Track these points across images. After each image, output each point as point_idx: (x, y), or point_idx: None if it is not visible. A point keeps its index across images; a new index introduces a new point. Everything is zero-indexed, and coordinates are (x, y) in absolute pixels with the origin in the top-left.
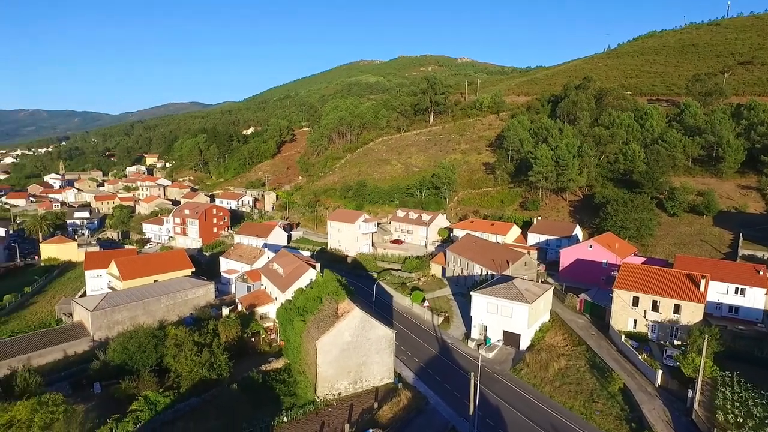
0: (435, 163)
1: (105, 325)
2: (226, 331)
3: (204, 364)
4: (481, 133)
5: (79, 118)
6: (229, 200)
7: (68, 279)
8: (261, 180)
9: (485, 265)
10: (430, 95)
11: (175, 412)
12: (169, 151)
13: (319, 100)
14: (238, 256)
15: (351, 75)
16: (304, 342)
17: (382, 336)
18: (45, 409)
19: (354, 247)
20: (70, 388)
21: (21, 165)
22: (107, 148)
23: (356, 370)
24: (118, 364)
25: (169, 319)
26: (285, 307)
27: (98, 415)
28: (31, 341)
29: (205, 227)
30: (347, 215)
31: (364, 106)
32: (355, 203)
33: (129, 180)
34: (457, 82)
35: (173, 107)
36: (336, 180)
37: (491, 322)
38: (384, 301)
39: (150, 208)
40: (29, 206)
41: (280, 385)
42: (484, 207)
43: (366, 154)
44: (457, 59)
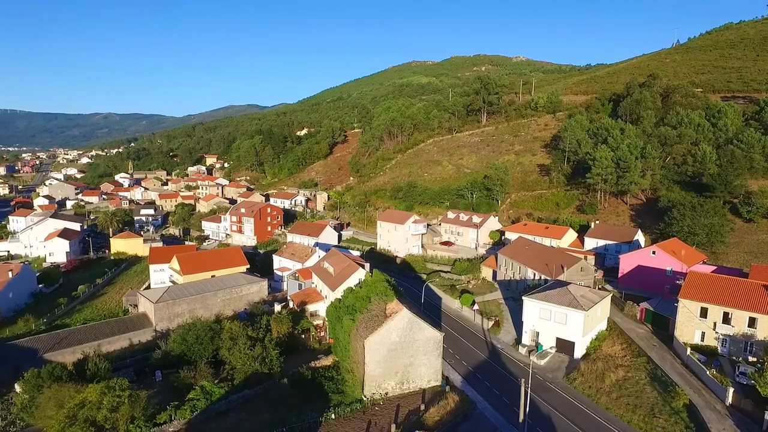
0: (487, 164)
1: (166, 316)
2: (278, 327)
3: (257, 358)
4: (536, 133)
5: (146, 121)
6: (282, 200)
7: (134, 272)
8: (313, 180)
9: (538, 270)
10: (483, 95)
11: (229, 403)
12: (227, 151)
13: (371, 102)
14: (290, 255)
15: (403, 76)
16: (352, 341)
17: (430, 338)
18: (113, 392)
19: (403, 248)
20: (134, 375)
21: (95, 165)
22: (171, 148)
23: (403, 371)
24: (178, 354)
25: (225, 314)
26: (334, 305)
27: (159, 401)
28: (101, 329)
29: (260, 226)
30: (397, 216)
31: (416, 107)
32: (405, 204)
33: (190, 179)
34: (511, 81)
35: (232, 109)
36: (386, 181)
37: (544, 328)
38: (433, 303)
39: (209, 207)
40: (101, 203)
41: (328, 382)
42: (538, 210)
43: (417, 155)
44: (512, 58)
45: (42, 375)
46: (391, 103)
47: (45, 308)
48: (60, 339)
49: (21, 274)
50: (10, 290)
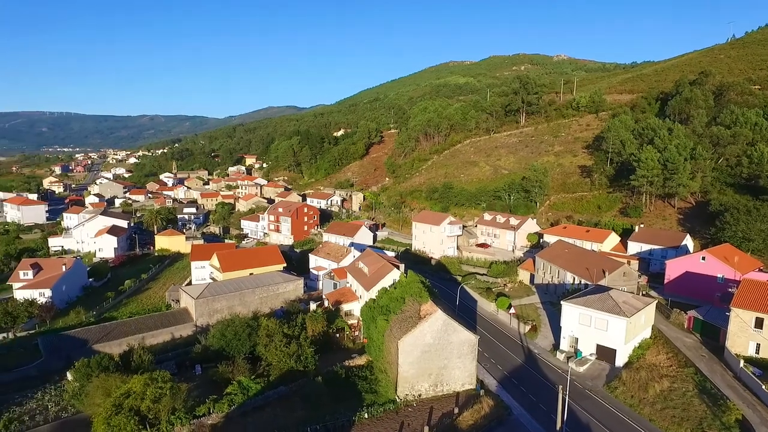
0: (526, 165)
1: (206, 312)
2: (313, 325)
3: (292, 355)
4: (578, 134)
5: (189, 122)
6: (319, 200)
7: (177, 268)
8: (349, 180)
9: (578, 274)
10: (522, 95)
11: (265, 399)
12: (266, 152)
13: (408, 102)
14: (326, 254)
15: (440, 76)
16: (386, 341)
17: (464, 340)
18: (155, 384)
19: (438, 250)
20: (175, 368)
21: (141, 165)
22: (212, 149)
23: (437, 373)
24: (217, 349)
25: (262, 311)
26: (369, 305)
27: (198, 394)
28: (145, 323)
29: (297, 225)
30: (432, 217)
31: (453, 108)
32: (441, 205)
33: (230, 179)
34: (552, 80)
35: (271, 111)
36: (422, 181)
37: (583, 334)
38: (468, 306)
39: (248, 206)
40: (147, 202)
41: (362, 381)
42: (578, 212)
43: (453, 155)
44: (553, 57)
45: (91, 365)
46: (428, 104)
47: (94, 301)
48: (108, 331)
49: (73, 268)
50: (64, 283)
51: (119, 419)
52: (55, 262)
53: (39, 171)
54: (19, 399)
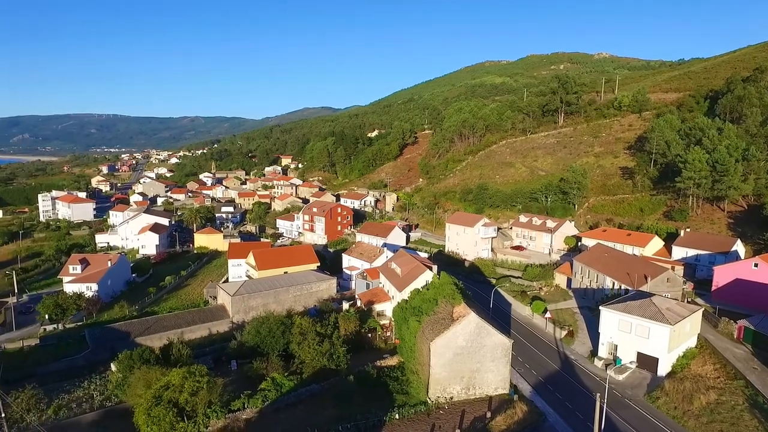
0: (564, 166)
1: (242, 309)
2: (346, 324)
3: (324, 353)
4: (619, 134)
5: (228, 123)
6: (352, 200)
7: (215, 266)
8: (383, 181)
9: (618, 279)
10: (561, 95)
11: (298, 396)
12: (301, 152)
13: (442, 103)
14: (359, 254)
15: (476, 76)
16: (418, 342)
17: (498, 344)
18: (193, 377)
19: (472, 252)
20: (212, 362)
21: (182, 165)
22: (250, 149)
23: (470, 376)
24: (252, 345)
25: (296, 309)
26: (401, 306)
27: (234, 389)
28: (184, 318)
29: (331, 225)
30: (466, 218)
31: (488, 108)
32: (475, 207)
33: (267, 179)
34: (592, 79)
35: (307, 112)
36: (456, 183)
37: (623, 341)
38: (502, 309)
39: (283, 206)
40: (187, 200)
41: (393, 382)
42: (619, 215)
43: (488, 156)
44: (594, 55)
45: (133, 357)
46: (463, 104)
47: (137, 296)
48: (149, 325)
49: (118, 264)
50: (109, 278)
51: (159, 410)
52: (102, 258)
53: (88, 170)
54: (68, 387)
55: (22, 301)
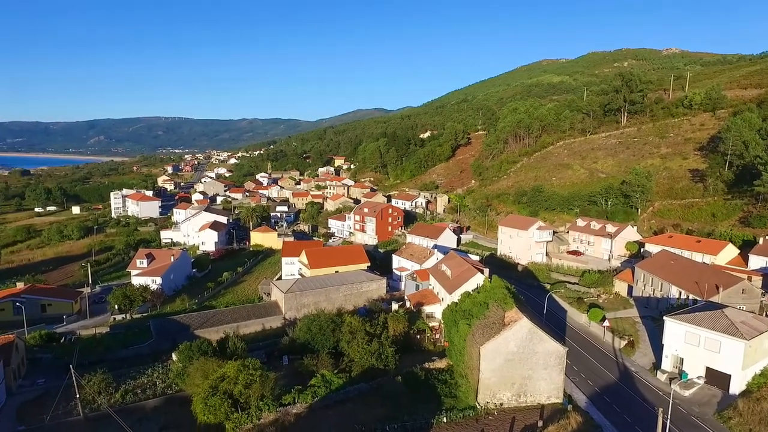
0: (626, 168)
1: (294, 306)
2: (395, 325)
3: (373, 353)
4: (689, 134)
5: (284, 125)
6: (403, 201)
7: (269, 263)
8: (434, 182)
9: (686, 288)
10: (624, 93)
11: (346, 393)
12: (354, 153)
13: (497, 103)
14: (409, 255)
15: (532, 76)
16: (467, 346)
17: (551, 351)
18: (247, 370)
19: (525, 255)
20: (265, 357)
21: (240, 165)
22: (304, 150)
23: (521, 383)
24: (303, 342)
25: (346, 308)
26: (451, 308)
27: (285, 383)
28: (240, 313)
29: (381, 225)
30: (520, 221)
31: (545, 108)
32: (530, 209)
33: (320, 179)
34: (660, 77)
35: (360, 113)
36: (510, 184)
37: (690, 354)
38: (556, 316)
39: (335, 206)
40: (244, 200)
41: (441, 385)
42: (687, 220)
43: (544, 158)
44: (662, 51)
45: (192, 348)
46: (518, 104)
47: (196, 290)
48: (207, 318)
49: (180, 259)
50: (172, 272)
51: (215, 400)
52: (165, 253)
53: (154, 170)
54: (134, 374)
55: (95, 291)
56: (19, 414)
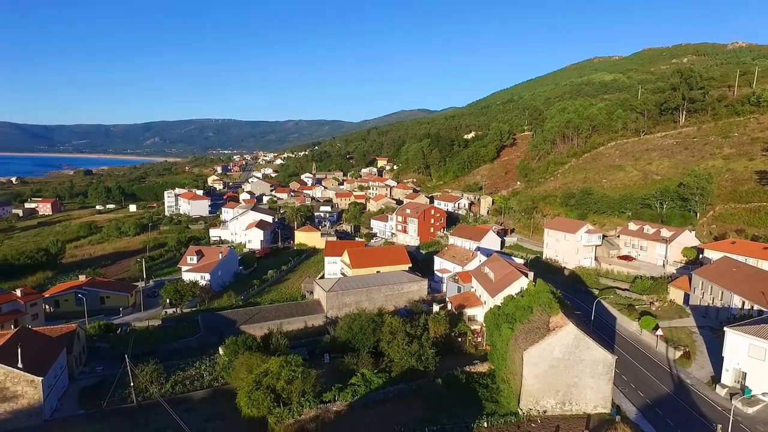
0: (684, 170)
1: (336, 305)
2: (435, 327)
3: (413, 354)
4: (756, 134)
5: (328, 126)
6: (446, 202)
7: (312, 262)
8: (478, 184)
9: (749, 298)
10: (683, 91)
11: (386, 393)
12: (396, 154)
13: (544, 103)
14: (451, 257)
15: (582, 74)
16: (510, 350)
17: (599, 359)
18: (289, 367)
19: (573, 260)
20: (307, 354)
21: (286, 165)
22: (348, 151)
23: (566, 391)
24: (344, 341)
25: (386, 308)
26: (493, 312)
27: (325, 381)
28: (283, 310)
29: (423, 226)
30: (568, 224)
31: (596, 108)
32: (578, 212)
33: (363, 180)
34: (724, 72)
35: (403, 114)
36: (557, 186)
37: (754, 369)
38: (605, 323)
39: (377, 206)
40: (289, 199)
41: (482, 389)
42: (753, 226)
43: (594, 159)
44: (727, 45)
45: (238, 343)
46: (567, 104)
47: (242, 287)
48: (252, 314)
49: (228, 256)
50: (220, 269)
51: (258, 394)
52: (214, 251)
53: (205, 170)
54: (183, 366)
55: (149, 286)
56: (80, 398)
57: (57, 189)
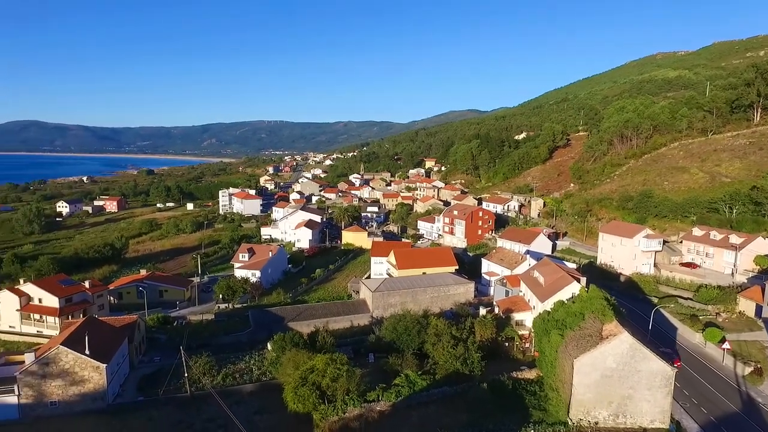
0: (758, 172)
1: (381, 305)
2: (482, 330)
3: (458, 357)
4: None
5: (377, 127)
6: (495, 204)
7: (358, 262)
8: (529, 186)
9: None
10: (759, 86)
11: (430, 395)
12: (445, 155)
13: (601, 102)
14: (499, 260)
15: (644, 71)
16: (559, 358)
17: (656, 371)
18: (334, 365)
19: (630, 266)
20: (352, 353)
21: (335, 166)
22: (396, 152)
23: (619, 403)
24: (388, 341)
25: (432, 310)
26: (543, 317)
27: (370, 380)
28: (329, 309)
29: (471, 228)
30: (625, 228)
31: (658, 106)
32: (636, 216)
33: (410, 181)
34: None
35: (452, 115)
36: (614, 189)
37: None
38: (664, 333)
39: (425, 207)
40: (337, 200)
41: (530, 396)
42: None
43: (655, 160)
44: None
45: (286, 339)
46: (626, 103)
47: (291, 285)
48: (300, 312)
49: (278, 254)
50: (270, 267)
51: (304, 390)
52: (264, 249)
53: (257, 171)
54: (233, 359)
55: (203, 281)
56: (139, 385)
57: (122, 188)
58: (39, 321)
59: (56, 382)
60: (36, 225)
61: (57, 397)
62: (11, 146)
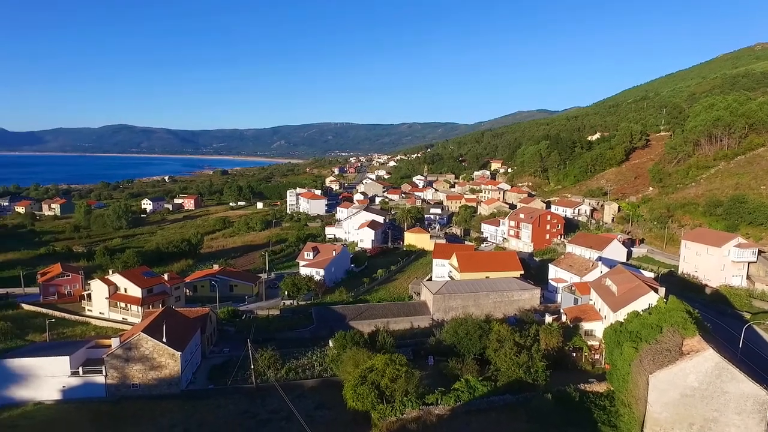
0: None
1: (442, 308)
2: (547, 338)
3: (521, 365)
4: None
5: (442, 129)
6: (564, 208)
7: (420, 264)
8: (602, 189)
9: None
10: None
11: (490, 402)
12: (511, 157)
13: (687, 100)
14: (567, 266)
15: (738, 65)
16: (633, 372)
17: (748, 394)
18: (394, 365)
19: (717, 277)
20: (411, 354)
21: (399, 167)
22: (460, 154)
23: (702, 425)
24: (449, 344)
25: (494, 315)
26: (614, 328)
27: (428, 383)
28: (390, 309)
29: (538, 233)
30: (712, 236)
31: (755, 103)
32: (726, 223)
33: (475, 183)
34: None
35: (520, 115)
36: (700, 193)
37: None
38: (758, 352)
39: (489, 210)
40: (400, 201)
41: (599, 410)
42: None
43: (751, 162)
44: None
45: (347, 337)
46: (716, 99)
47: (353, 284)
48: (361, 311)
49: (341, 254)
50: (333, 266)
51: (363, 389)
52: (328, 248)
53: (323, 171)
54: (297, 355)
55: (271, 278)
56: (209, 374)
57: (199, 187)
58: (124, 309)
59: (137, 366)
60: (124, 220)
61: (137, 380)
62: (106, 148)
